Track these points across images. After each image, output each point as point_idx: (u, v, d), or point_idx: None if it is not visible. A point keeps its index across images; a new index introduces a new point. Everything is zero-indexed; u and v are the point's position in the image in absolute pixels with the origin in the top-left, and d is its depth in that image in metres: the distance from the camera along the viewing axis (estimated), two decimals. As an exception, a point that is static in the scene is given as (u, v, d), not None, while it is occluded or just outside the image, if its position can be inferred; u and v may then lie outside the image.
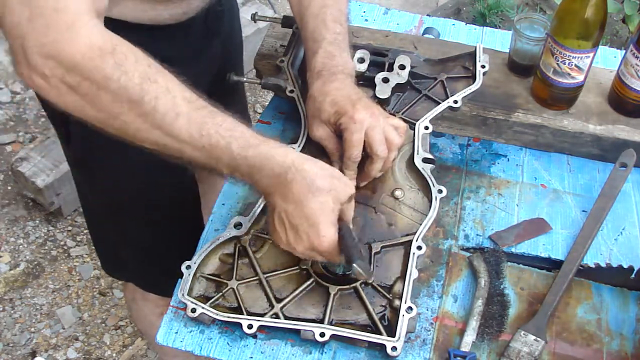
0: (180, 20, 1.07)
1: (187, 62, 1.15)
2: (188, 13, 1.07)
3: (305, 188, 0.83)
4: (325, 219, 0.84)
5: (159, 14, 1.03)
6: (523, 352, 0.92)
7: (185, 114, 0.79)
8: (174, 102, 0.78)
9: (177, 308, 0.95)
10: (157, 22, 1.04)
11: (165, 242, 1.32)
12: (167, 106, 0.77)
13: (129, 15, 0.99)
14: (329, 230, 0.84)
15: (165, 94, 0.77)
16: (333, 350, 0.93)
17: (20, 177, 2.22)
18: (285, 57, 1.17)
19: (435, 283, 1.02)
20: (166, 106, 0.77)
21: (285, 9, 3.11)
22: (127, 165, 1.14)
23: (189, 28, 1.11)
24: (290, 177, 0.83)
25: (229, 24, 1.31)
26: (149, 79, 0.76)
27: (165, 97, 0.77)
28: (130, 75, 0.75)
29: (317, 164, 0.86)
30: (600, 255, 1.05)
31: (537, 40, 1.19)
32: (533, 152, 1.22)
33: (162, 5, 1.02)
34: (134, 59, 0.76)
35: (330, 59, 1.01)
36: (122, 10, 0.98)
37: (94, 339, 2.06)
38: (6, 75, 2.67)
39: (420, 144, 1.07)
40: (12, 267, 2.18)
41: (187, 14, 1.07)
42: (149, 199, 1.25)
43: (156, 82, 0.77)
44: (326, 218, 0.84)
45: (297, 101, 1.11)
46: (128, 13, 0.99)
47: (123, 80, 0.75)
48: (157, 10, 1.02)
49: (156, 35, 1.05)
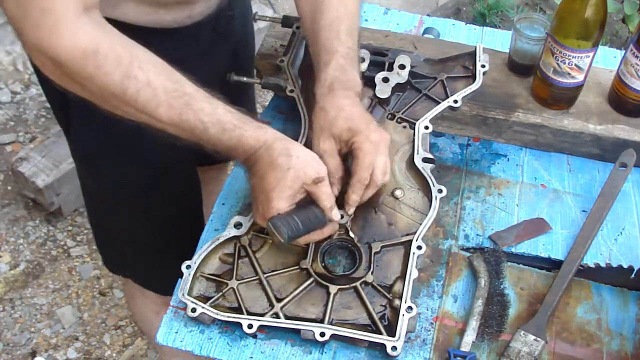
0: (184, 24, 1.07)
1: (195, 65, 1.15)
2: (192, 17, 1.07)
3: (267, 163, 0.89)
4: (279, 192, 0.88)
5: (161, 17, 1.03)
6: (523, 352, 0.92)
7: (165, 102, 0.86)
8: (154, 94, 0.85)
9: (177, 308, 0.95)
10: (161, 25, 1.04)
11: (165, 239, 1.32)
12: (148, 97, 0.85)
13: (131, 18, 1.00)
14: (280, 203, 0.89)
15: (145, 87, 0.84)
16: (333, 350, 0.93)
17: (20, 177, 2.22)
18: (285, 57, 1.17)
19: (435, 283, 1.02)
20: (147, 98, 0.85)
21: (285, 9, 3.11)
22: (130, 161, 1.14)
23: (198, 32, 1.11)
24: (259, 154, 0.90)
25: (242, 29, 1.31)
26: (128, 76, 0.83)
27: (146, 90, 0.84)
28: (111, 74, 0.82)
29: (290, 144, 0.91)
30: (600, 255, 1.05)
31: (537, 40, 1.19)
32: (533, 152, 1.22)
33: (163, 9, 1.02)
34: (116, 58, 0.82)
35: (342, 74, 1.00)
36: (124, 13, 0.99)
37: (94, 339, 2.06)
38: (6, 75, 2.67)
39: (420, 143, 1.07)
40: (12, 267, 2.18)
41: (191, 18, 1.07)
42: (151, 195, 1.25)
43: (136, 78, 0.83)
44: (280, 192, 0.88)
45: (297, 101, 1.11)
46: (130, 15, 1.00)
47: (104, 79, 0.82)
48: (159, 14, 1.03)
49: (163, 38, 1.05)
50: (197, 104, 0.88)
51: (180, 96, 0.87)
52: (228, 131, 0.89)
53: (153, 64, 0.86)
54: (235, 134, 0.90)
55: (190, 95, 0.88)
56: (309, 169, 0.89)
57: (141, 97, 0.84)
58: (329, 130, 0.97)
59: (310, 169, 0.90)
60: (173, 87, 0.87)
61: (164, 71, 0.87)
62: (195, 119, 0.88)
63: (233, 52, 1.27)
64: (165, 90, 0.86)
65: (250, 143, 0.90)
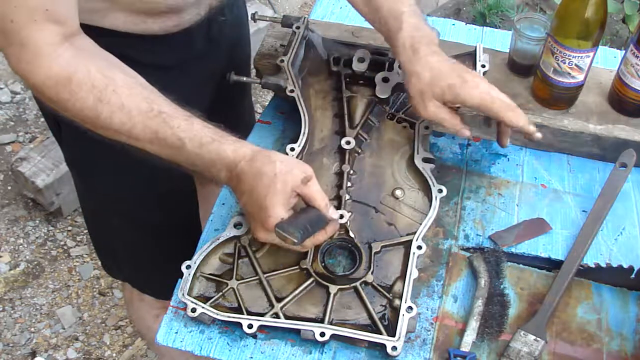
0: (172, 31, 1.07)
1: (190, 68, 1.16)
2: (181, 25, 1.08)
3: (252, 176, 0.88)
4: (272, 199, 0.87)
5: (149, 26, 1.04)
6: (523, 352, 0.92)
7: (140, 122, 0.88)
8: (129, 116, 0.87)
9: (177, 308, 0.95)
10: (150, 32, 1.05)
11: (161, 243, 1.32)
12: (123, 120, 0.87)
13: (120, 27, 1.02)
14: (276, 209, 0.87)
15: (119, 110, 0.87)
16: (333, 350, 0.93)
17: (20, 177, 2.22)
18: (285, 57, 1.17)
19: (435, 283, 1.02)
20: (121, 120, 0.87)
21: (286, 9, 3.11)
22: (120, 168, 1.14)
23: (189, 38, 1.12)
24: (240, 169, 0.88)
25: (237, 33, 1.31)
26: (101, 101, 0.86)
27: (120, 113, 0.87)
28: (84, 99, 0.86)
29: (270, 152, 0.90)
30: (600, 255, 1.05)
31: (537, 40, 1.19)
32: (533, 152, 1.22)
33: (151, 18, 1.03)
34: (90, 85, 0.86)
35: (417, 31, 1.00)
36: (113, 22, 1.01)
37: (94, 339, 2.06)
38: (6, 75, 2.67)
39: (421, 143, 1.07)
40: (12, 267, 2.18)
41: (179, 26, 1.08)
42: (145, 200, 1.25)
43: (109, 102, 0.86)
44: (272, 198, 0.87)
45: (297, 101, 1.11)
46: (120, 25, 1.01)
47: (78, 104, 0.86)
48: (147, 24, 1.04)
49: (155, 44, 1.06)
50: (173, 122, 0.88)
51: (157, 115, 0.88)
52: (206, 145, 0.89)
53: (129, 87, 0.88)
54: (213, 147, 0.89)
55: (167, 113, 0.89)
56: (295, 170, 0.89)
57: (115, 120, 0.87)
58: (430, 91, 0.97)
59: (296, 170, 0.89)
60: (148, 107, 0.88)
61: (140, 93, 0.89)
62: (172, 136, 0.88)
63: (228, 56, 1.27)
64: (139, 111, 0.87)
65: (229, 156, 0.89)
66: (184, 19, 1.07)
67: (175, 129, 0.88)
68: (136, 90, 0.89)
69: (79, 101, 0.86)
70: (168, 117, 0.88)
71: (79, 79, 0.86)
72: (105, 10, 0.99)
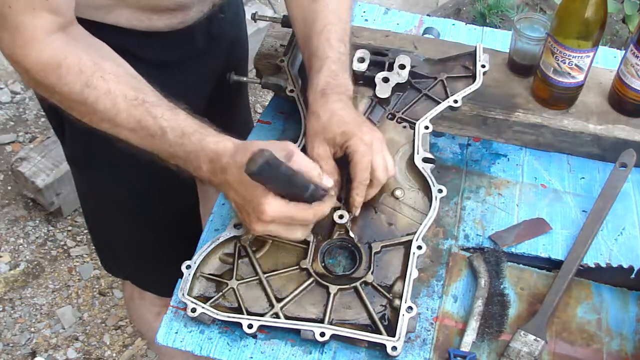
0: (176, 28, 1.08)
1: (189, 66, 1.16)
2: (185, 22, 1.08)
3: (237, 168, 0.84)
4: (259, 189, 0.83)
5: (154, 23, 1.04)
6: (523, 352, 0.92)
7: (125, 110, 0.88)
8: (114, 102, 0.88)
9: (177, 308, 0.95)
10: (154, 29, 1.05)
11: (162, 240, 1.32)
12: (107, 106, 0.88)
13: (124, 23, 1.02)
14: (267, 197, 0.83)
15: (105, 95, 0.87)
16: (333, 350, 0.93)
17: (20, 177, 2.22)
18: (285, 57, 1.17)
19: (435, 283, 1.02)
20: (105, 106, 0.88)
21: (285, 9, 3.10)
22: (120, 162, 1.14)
23: (191, 35, 1.12)
24: (225, 162, 0.86)
25: (235, 30, 1.31)
26: (88, 86, 0.87)
27: (106, 98, 0.87)
28: (72, 85, 0.87)
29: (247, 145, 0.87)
30: (600, 255, 1.05)
31: (537, 40, 1.19)
32: (533, 152, 1.22)
33: (156, 15, 1.03)
34: (78, 70, 0.87)
35: (334, 79, 1.00)
36: (117, 19, 1.01)
37: (94, 339, 2.06)
38: (6, 75, 2.67)
39: (421, 143, 1.07)
40: (12, 267, 2.18)
41: (184, 23, 1.08)
42: (146, 197, 1.25)
43: (96, 88, 0.87)
44: (260, 188, 0.83)
45: (297, 101, 1.11)
46: (123, 21, 1.02)
47: (66, 89, 0.87)
48: (152, 20, 1.04)
49: (156, 40, 1.06)
50: (156, 110, 0.88)
51: (141, 104, 0.88)
52: (187, 135, 0.88)
53: (116, 74, 0.88)
54: (195, 137, 0.88)
55: (151, 103, 0.89)
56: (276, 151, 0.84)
57: (100, 106, 0.88)
58: (323, 134, 0.96)
59: (277, 149, 0.84)
60: (134, 94, 0.88)
61: (128, 81, 0.89)
62: (154, 125, 0.88)
63: (227, 53, 1.27)
64: (125, 98, 0.88)
65: (211, 148, 0.87)
66: (189, 16, 1.08)
67: (158, 118, 0.88)
68: (124, 79, 0.89)
69: (67, 85, 0.87)
70: (151, 106, 0.88)
71: (68, 64, 0.86)
72: (110, 7, 0.99)
